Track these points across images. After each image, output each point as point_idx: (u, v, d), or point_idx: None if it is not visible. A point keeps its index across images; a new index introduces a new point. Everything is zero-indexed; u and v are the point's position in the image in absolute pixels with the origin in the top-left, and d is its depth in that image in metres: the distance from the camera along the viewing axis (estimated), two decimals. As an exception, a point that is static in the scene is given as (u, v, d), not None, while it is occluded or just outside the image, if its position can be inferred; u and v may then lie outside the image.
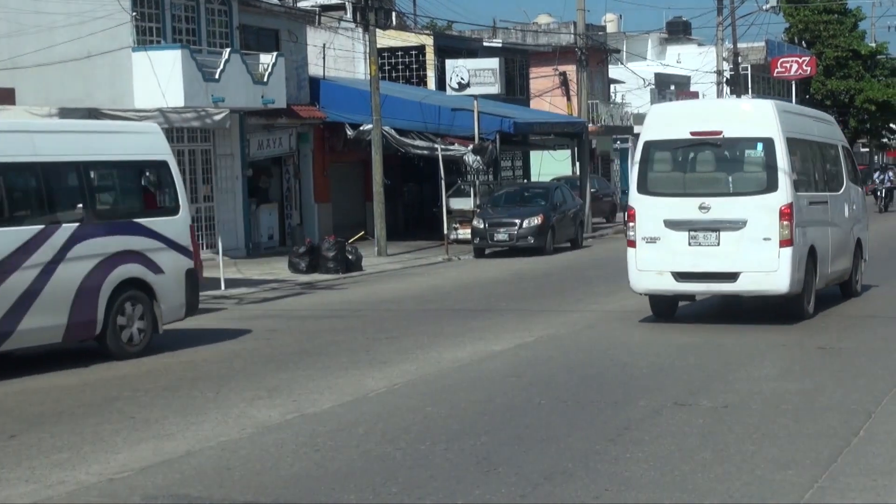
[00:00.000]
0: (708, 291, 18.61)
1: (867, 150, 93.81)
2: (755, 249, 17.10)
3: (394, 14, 48.07)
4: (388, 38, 44.70)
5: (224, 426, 11.23)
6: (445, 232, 35.53)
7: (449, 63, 39.98)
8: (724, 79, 62.34)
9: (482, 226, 34.14)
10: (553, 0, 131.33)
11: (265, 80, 33.72)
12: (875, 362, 13.94)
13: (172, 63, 30.57)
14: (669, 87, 67.48)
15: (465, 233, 36.57)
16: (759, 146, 17.55)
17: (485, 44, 51.11)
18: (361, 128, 37.55)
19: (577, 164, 46.24)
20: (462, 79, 38.49)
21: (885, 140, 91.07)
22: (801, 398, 11.80)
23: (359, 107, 37.40)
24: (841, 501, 8.27)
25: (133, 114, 25.52)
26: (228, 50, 32.88)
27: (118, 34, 30.36)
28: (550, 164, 50.30)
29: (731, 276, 17.32)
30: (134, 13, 30.98)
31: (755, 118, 17.81)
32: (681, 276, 17.55)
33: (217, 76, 31.68)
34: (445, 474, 9.21)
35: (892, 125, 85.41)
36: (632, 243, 17.87)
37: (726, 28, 61.91)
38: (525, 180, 48.67)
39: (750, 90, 74.62)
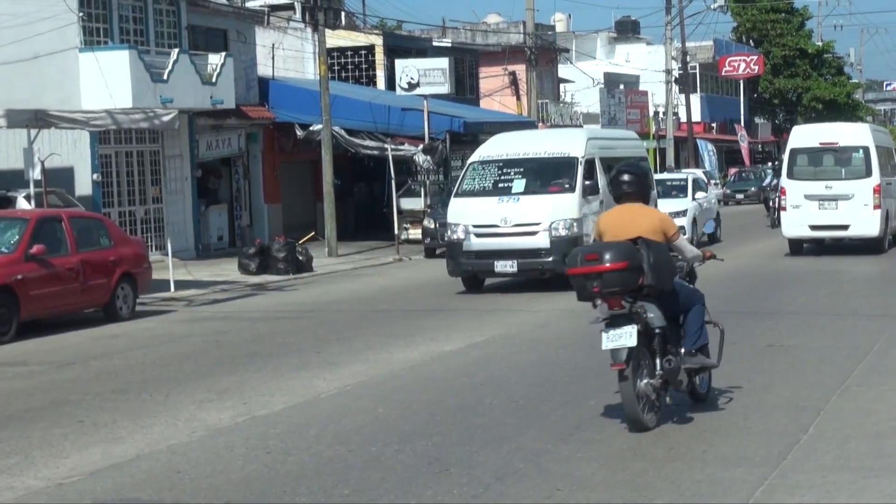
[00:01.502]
0: (830, 236, 29.33)
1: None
2: (859, 211, 28.13)
3: (343, 14, 47.99)
4: (337, 38, 44.59)
5: (174, 429, 11.15)
6: (396, 232, 35.48)
7: (398, 63, 39.96)
8: (673, 78, 62.69)
9: (433, 226, 34.05)
10: (502, 0, 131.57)
11: (214, 80, 33.53)
12: (823, 358, 14.04)
13: (120, 64, 30.34)
14: (619, 87, 67.66)
15: (415, 233, 36.51)
16: (861, 151, 28.54)
17: (434, 43, 51.10)
18: (311, 128, 37.42)
19: (528, 163, 46.21)
20: (412, 78, 38.49)
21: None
22: (751, 396, 11.86)
23: (308, 107, 37.27)
24: (791, 498, 8.31)
25: (81, 115, 25.31)
26: (177, 50, 32.68)
27: (65, 35, 30.11)
28: (501, 164, 50.19)
29: (844, 227, 28.43)
30: (81, 14, 30.72)
31: (858, 134, 29.47)
32: (814, 227, 28.58)
33: (165, 77, 31.49)
34: (397, 475, 9.19)
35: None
36: (783, 208, 29.01)
37: (675, 27, 62.32)
38: (475, 180, 48.59)
39: (698, 89, 75.03)
